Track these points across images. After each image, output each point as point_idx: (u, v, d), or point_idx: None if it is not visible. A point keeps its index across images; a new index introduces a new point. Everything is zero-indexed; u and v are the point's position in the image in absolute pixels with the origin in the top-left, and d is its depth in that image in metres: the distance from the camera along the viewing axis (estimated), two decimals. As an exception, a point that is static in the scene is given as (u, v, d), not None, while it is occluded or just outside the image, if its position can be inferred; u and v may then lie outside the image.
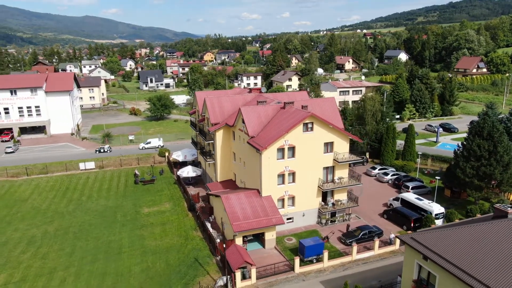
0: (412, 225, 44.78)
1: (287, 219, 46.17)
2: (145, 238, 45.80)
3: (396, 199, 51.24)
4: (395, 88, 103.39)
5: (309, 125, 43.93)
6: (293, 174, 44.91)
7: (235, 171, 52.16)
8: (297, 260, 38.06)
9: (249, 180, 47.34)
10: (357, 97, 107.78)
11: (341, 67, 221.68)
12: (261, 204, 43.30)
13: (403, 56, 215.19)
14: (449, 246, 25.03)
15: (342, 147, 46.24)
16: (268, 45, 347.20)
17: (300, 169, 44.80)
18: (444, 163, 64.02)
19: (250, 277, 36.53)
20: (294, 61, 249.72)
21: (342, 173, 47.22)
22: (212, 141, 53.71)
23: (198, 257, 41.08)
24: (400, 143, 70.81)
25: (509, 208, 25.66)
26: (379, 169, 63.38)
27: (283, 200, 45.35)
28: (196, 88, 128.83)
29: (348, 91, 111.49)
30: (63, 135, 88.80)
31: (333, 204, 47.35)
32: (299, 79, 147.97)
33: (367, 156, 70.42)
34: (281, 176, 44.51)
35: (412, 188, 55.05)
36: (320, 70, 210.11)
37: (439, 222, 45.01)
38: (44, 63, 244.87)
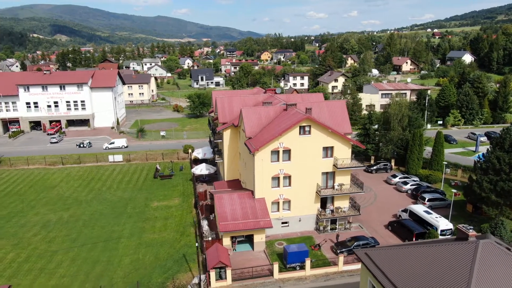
0: (414, 239, 41.77)
1: (282, 223, 45.39)
2: (145, 231, 47.57)
3: (405, 210, 48.12)
4: (440, 91, 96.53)
5: (306, 128, 42.71)
6: (289, 177, 43.98)
7: (241, 171, 52.24)
8: (276, 266, 37.32)
9: (247, 181, 47.22)
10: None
11: (398, 69, 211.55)
12: (252, 206, 43.00)
13: (467, 58, 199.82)
14: (398, 267, 23.12)
15: (343, 152, 44.31)
16: (326, 45, 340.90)
17: (297, 173, 43.74)
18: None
19: (226, 278, 36.51)
20: (350, 61, 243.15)
21: (343, 180, 45.28)
22: (221, 140, 54.28)
23: (187, 254, 41.83)
24: (430, 151, 66.19)
25: (470, 231, 23.03)
26: (399, 178, 59.79)
27: (278, 203, 44.60)
28: (238, 86, 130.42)
29: (391, 93, 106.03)
30: (104, 129, 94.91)
31: (332, 211, 45.64)
32: (345, 80, 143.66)
33: (392, 164, 66.77)
34: (276, 179, 43.78)
35: (429, 200, 51.30)
36: (375, 71, 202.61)
37: (445, 239, 41.50)
38: (110, 60, 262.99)
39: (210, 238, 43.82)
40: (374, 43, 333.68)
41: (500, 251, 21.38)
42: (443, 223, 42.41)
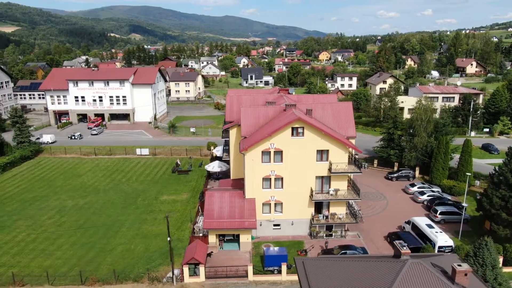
0: (408, 254, 38.90)
1: (274, 225, 44.69)
2: (145, 223, 49.41)
3: (408, 222, 44.99)
4: (491, 96, 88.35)
5: (299, 130, 41.60)
6: (281, 179, 43.18)
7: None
8: (250, 267, 36.96)
9: (244, 180, 47.07)
10: (447, 104, 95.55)
11: (461, 71, 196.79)
12: (240, 206, 42.88)
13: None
14: (326, 278, 21.88)
15: (339, 156, 42.48)
16: (388, 45, 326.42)
17: (289, 175, 42.82)
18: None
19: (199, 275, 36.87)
20: (409, 62, 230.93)
21: (339, 185, 43.43)
22: (228, 139, 54.64)
23: (176, 248, 42.66)
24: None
25: (404, 248, 21.03)
26: (418, 187, 55.94)
27: (269, 205, 43.99)
28: (280, 85, 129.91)
29: (437, 97, 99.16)
30: (143, 123, 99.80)
31: (326, 217, 43.99)
32: (394, 81, 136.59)
33: (417, 172, 62.56)
34: (267, 180, 43.21)
35: (441, 213, 47.44)
36: (434, 73, 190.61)
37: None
38: (170, 58, 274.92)
39: (201, 234, 44.42)
40: (441, 44, 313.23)
41: (428, 273, 19.39)
42: (442, 239, 39.04)
